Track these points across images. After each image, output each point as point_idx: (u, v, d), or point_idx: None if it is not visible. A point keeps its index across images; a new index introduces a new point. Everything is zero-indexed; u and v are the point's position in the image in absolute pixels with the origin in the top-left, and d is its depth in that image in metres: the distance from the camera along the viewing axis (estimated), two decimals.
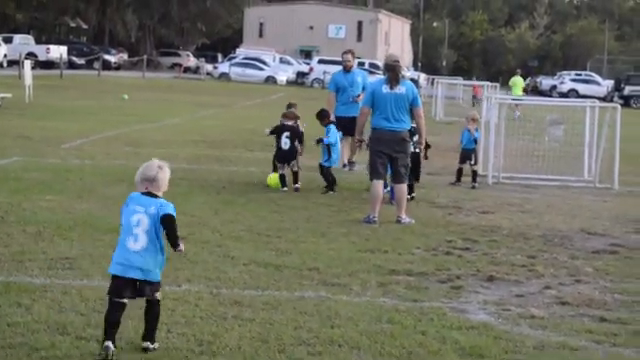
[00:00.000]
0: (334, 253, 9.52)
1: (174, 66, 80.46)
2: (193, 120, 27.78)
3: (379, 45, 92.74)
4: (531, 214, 13.13)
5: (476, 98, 47.99)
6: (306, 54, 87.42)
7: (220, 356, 6.13)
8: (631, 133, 24.80)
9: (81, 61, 67.25)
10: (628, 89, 64.72)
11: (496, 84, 42.40)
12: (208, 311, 7.08)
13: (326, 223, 11.31)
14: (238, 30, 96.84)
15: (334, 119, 15.71)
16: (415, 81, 47.00)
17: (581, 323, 7.41)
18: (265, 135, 14.83)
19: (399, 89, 11.76)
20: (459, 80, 54.08)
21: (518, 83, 42.89)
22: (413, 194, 13.63)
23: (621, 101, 53.65)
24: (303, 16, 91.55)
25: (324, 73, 61.77)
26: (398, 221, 11.61)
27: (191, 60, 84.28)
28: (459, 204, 13.63)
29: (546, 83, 76.78)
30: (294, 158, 13.96)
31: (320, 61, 69.19)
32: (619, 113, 16.75)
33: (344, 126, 15.71)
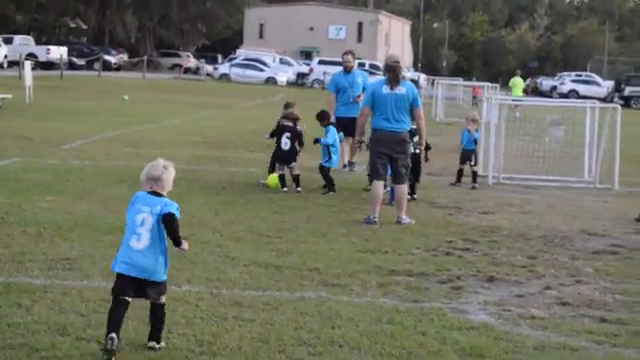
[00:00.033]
0: (334, 254, 9.52)
1: (174, 67, 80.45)
2: (193, 121, 27.78)
3: (379, 46, 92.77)
4: (531, 215, 13.13)
5: (476, 99, 48.03)
6: (306, 55, 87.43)
7: (220, 356, 6.13)
8: (631, 134, 24.79)
9: (81, 62, 67.29)
10: (628, 90, 64.74)
11: (496, 85, 42.40)
12: (208, 312, 7.08)
13: (326, 224, 11.32)
14: (238, 31, 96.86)
15: (334, 120, 15.72)
16: (415, 82, 47.01)
17: (581, 324, 7.41)
18: (266, 139, 14.87)
19: (399, 90, 11.76)
20: (459, 81, 54.10)
21: (518, 84, 42.90)
22: (415, 195, 13.64)
23: (621, 102, 53.58)
24: (303, 17, 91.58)
25: (324, 74, 61.77)
26: (398, 222, 11.61)
27: (191, 61, 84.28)
28: (459, 205, 13.63)
29: (546, 84, 76.79)
30: (294, 159, 13.95)
31: (320, 62, 69.23)
32: (619, 114, 16.75)
33: (344, 127, 15.71)
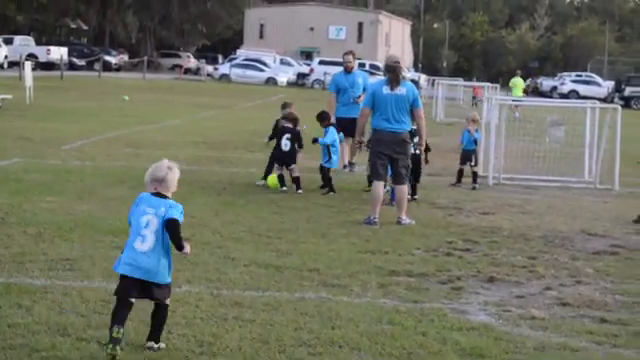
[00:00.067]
0: (334, 254, 9.52)
1: (174, 67, 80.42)
2: (193, 121, 27.79)
3: (380, 46, 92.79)
4: (532, 215, 13.13)
5: (476, 99, 48.04)
6: (307, 55, 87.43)
7: (220, 357, 6.13)
8: (631, 134, 24.80)
9: (81, 62, 67.31)
10: (628, 90, 64.75)
11: (496, 85, 42.39)
12: (209, 312, 7.08)
13: (326, 224, 11.32)
14: (239, 31, 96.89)
15: (335, 120, 15.73)
16: (416, 82, 47.04)
17: (582, 324, 7.41)
18: (265, 143, 14.89)
19: (400, 90, 11.76)
20: (459, 81, 54.09)
21: (518, 84, 42.88)
22: (415, 196, 13.64)
23: (621, 102, 53.63)
24: (303, 17, 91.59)
25: (324, 74, 61.79)
26: (398, 222, 11.61)
27: (192, 61, 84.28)
28: (459, 205, 13.63)
29: (546, 84, 76.78)
30: (294, 161, 13.95)
31: (321, 62, 69.26)
32: (619, 114, 16.75)
33: (344, 127, 15.72)
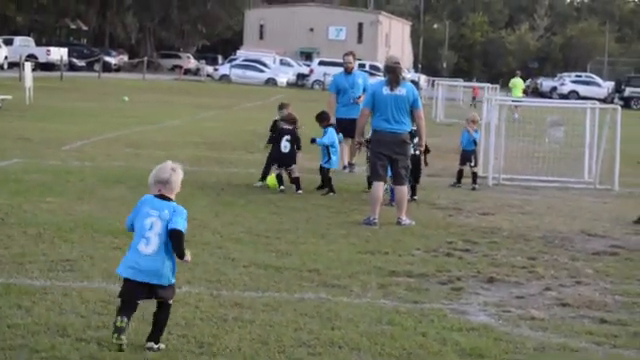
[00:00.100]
0: (334, 254, 9.52)
1: (174, 68, 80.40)
2: (193, 122, 27.79)
3: (379, 47, 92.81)
4: (531, 215, 13.13)
5: (475, 100, 48.04)
6: (306, 56, 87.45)
7: (220, 357, 6.13)
8: (631, 134, 24.80)
9: (81, 63, 67.28)
10: (628, 90, 64.76)
11: (496, 86, 42.39)
12: (208, 313, 7.08)
13: (326, 224, 11.32)
14: (238, 32, 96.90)
15: (335, 121, 15.73)
16: (416, 83, 47.01)
17: (581, 324, 7.42)
18: (264, 147, 14.90)
19: (399, 91, 11.76)
20: (459, 82, 54.08)
21: (518, 85, 42.84)
22: (415, 196, 13.64)
23: (621, 102, 53.60)
24: (303, 18, 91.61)
25: (324, 75, 61.80)
26: (398, 222, 11.61)
27: (191, 62, 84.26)
28: (459, 205, 13.63)
29: (546, 85, 76.76)
30: (294, 162, 13.96)
31: (320, 63, 69.25)
32: (619, 114, 16.75)
33: (344, 128, 15.72)
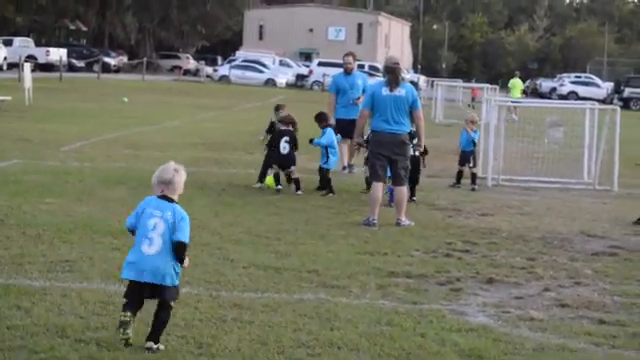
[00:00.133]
0: (333, 255, 9.52)
1: (174, 69, 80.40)
2: (193, 123, 27.79)
3: (379, 47, 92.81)
4: (530, 216, 13.13)
5: (474, 100, 48.06)
6: (306, 56, 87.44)
7: (219, 358, 6.14)
8: (631, 135, 24.80)
9: (81, 64, 67.30)
10: (628, 91, 64.78)
11: (496, 86, 42.41)
12: (207, 314, 7.08)
13: (325, 225, 11.32)
14: (238, 33, 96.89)
15: (334, 121, 15.73)
16: (415, 83, 47.08)
17: (580, 325, 7.42)
18: (262, 140, 14.91)
19: (399, 91, 11.76)
20: (459, 82, 54.09)
21: (517, 85, 42.80)
22: (414, 197, 13.64)
23: (621, 103, 53.65)
24: (303, 19, 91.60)
25: (324, 75, 61.81)
26: (397, 223, 11.61)
27: (191, 63, 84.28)
28: (459, 206, 13.63)
29: (546, 85, 76.77)
30: (293, 163, 13.96)
31: (320, 63, 69.23)
32: (619, 115, 16.75)
33: (343, 128, 15.72)
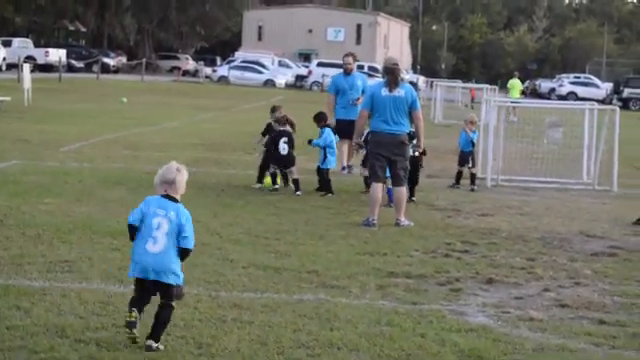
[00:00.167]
0: (333, 256, 9.52)
1: (173, 69, 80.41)
2: (192, 123, 27.78)
3: (378, 48, 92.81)
4: (530, 217, 13.14)
5: (473, 101, 48.07)
6: (305, 57, 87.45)
7: (219, 358, 6.14)
8: (630, 135, 24.80)
9: (80, 64, 67.27)
10: (627, 92, 64.79)
11: (495, 87, 42.43)
12: (207, 314, 7.08)
13: (325, 226, 11.32)
14: (237, 33, 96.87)
15: (334, 122, 15.72)
16: (414, 84, 47.03)
17: (580, 325, 7.42)
18: (258, 144, 14.92)
19: (398, 92, 11.76)
20: (458, 83, 54.09)
21: (516, 86, 42.79)
22: (413, 197, 13.65)
23: (620, 103, 53.62)
24: (302, 19, 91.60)
25: (323, 76, 61.84)
26: (397, 224, 11.61)
27: (190, 63, 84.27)
28: (458, 207, 13.63)
29: (545, 86, 76.76)
30: (293, 164, 13.96)
31: (319, 64, 69.22)
32: (618, 115, 16.76)
33: (343, 129, 15.72)
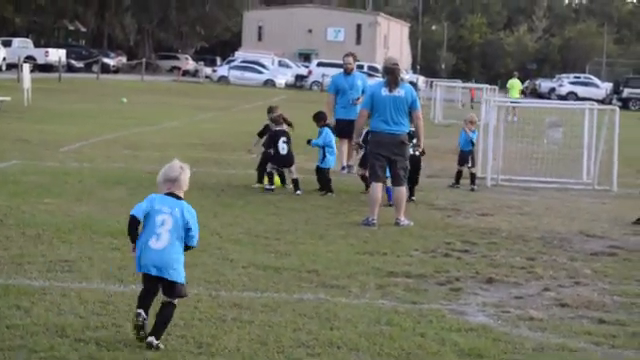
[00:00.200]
0: (333, 255, 9.52)
1: (173, 69, 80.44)
2: (192, 123, 27.79)
3: (378, 48, 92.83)
4: (530, 216, 13.14)
5: (473, 101, 48.06)
6: (305, 57, 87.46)
7: (219, 358, 6.14)
8: (630, 135, 24.80)
9: (80, 64, 67.29)
10: (627, 92, 64.79)
11: (495, 87, 42.43)
12: (207, 313, 7.09)
13: (324, 225, 11.32)
14: (237, 33, 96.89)
15: (333, 121, 15.72)
16: (414, 84, 47.03)
17: (580, 325, 7.42)
18: (254, 147, 14.96)
19: (398, 92, 11.76)
20: (458, 83, 54.11)
21: (515, 86, 42.79)
22: (413, 197, 13.65)
23: (620, 103, 53.63)
24: (302, 19, 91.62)
25: (323, 76, 61.86)
26: (397, 223, 11.62)
27: (190, 63, 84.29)
28: (458, 206, 13.63)
29: (545, 86, 76.77)
30: (293, 163, 13.97)
31: (319, 64, 69.25)
32: (618, 115, 16.76)
33: (343, 129, 15.73)
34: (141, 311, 6.22)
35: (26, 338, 6.26)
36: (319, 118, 14.92)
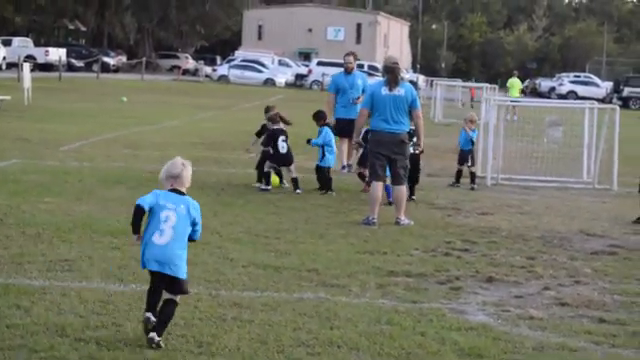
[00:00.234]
0: (333, 254, 9.52)
1: (173, 68, 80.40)
2: (192, 122, 27.79)
3: (378, 47, 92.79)
4: (530, 215, 13.14)
5: (473, 100, 48.05)
6: (305, 56, 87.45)
7: (219, 357, 6.14)
8: (630, 134, 24.81)
9: (80, 63, 67.27)
10: (627, 91, 64.81)
11: (495, 86, 42.42)
12: (207, 312, 7.09)
13: (325, 224, 11.32)
14: (237, 32, 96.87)
15: (333, 121, 15.71)
16: (414, 83, 47.06)
17: (580, 324, 7.42)
18: (252, 149, 14.97)
19: (398, 91, 11.76)
20: (458, 82, 54.10)
21: (515, 85, 42.76)
22: (413, 196, 13.65)
23: (620, 102, 53.60)
24: (302, 18, 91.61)
25: (323, 75, 61.85)
26: (397, 222, 11.62)
27: (190, 62, 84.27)
28: (458, 205, 13.63)
29: (545, 85, 76.77)
30: (292, 161, 13.97)
31: (319, 63, 69.23)
32: (618, 114, 16.76)
33: (343, 128, 15.72)
34: (150, 315, 6.29)
35: (26, 337, 6.26)
36: (319, 117, 14.91)
